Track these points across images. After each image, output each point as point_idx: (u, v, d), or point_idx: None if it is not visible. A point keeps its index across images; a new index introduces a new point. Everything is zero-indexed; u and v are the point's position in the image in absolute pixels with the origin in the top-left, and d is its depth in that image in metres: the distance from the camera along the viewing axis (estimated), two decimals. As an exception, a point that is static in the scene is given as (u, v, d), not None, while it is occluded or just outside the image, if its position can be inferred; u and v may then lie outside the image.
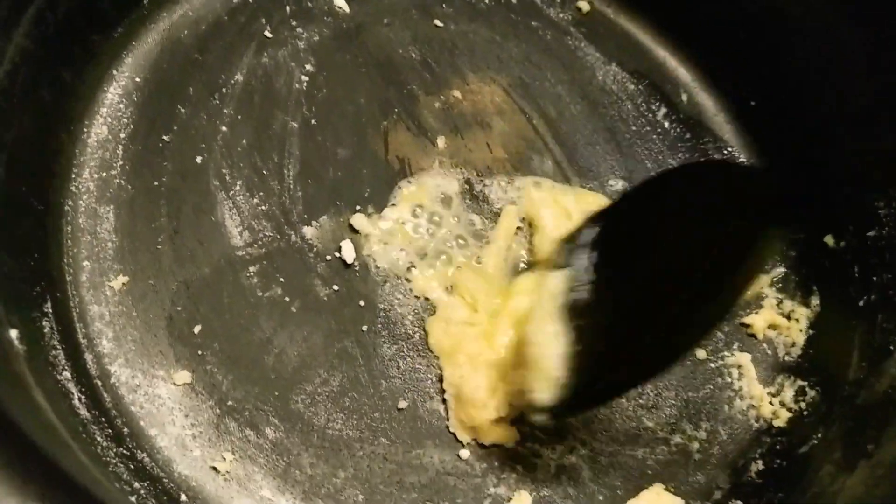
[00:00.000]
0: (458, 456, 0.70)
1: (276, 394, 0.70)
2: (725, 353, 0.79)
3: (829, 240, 0.80)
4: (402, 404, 0.71)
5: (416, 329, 0.74)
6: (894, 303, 0.70)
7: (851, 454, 0.64)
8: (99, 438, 0.63)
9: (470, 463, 0.70)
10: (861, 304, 0.74)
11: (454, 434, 0.70)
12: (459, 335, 0.72)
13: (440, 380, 0.72)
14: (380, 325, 0.74)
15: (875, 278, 0.73)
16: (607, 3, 0.96)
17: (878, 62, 0.77)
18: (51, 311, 0.67)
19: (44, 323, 0.66)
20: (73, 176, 0.73)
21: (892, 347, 0.68)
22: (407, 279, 0.76)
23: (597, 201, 0.81)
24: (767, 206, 0.65)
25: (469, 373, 0.70)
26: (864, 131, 0.77)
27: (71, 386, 0.65)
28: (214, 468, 0.66)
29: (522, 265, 0.78)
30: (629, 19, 0.95)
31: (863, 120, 0.79)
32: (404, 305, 0.75)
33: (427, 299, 0.75)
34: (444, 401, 0.71)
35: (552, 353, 0.61)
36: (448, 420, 0.71)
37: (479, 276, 0.75)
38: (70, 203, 0.72)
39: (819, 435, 0.70)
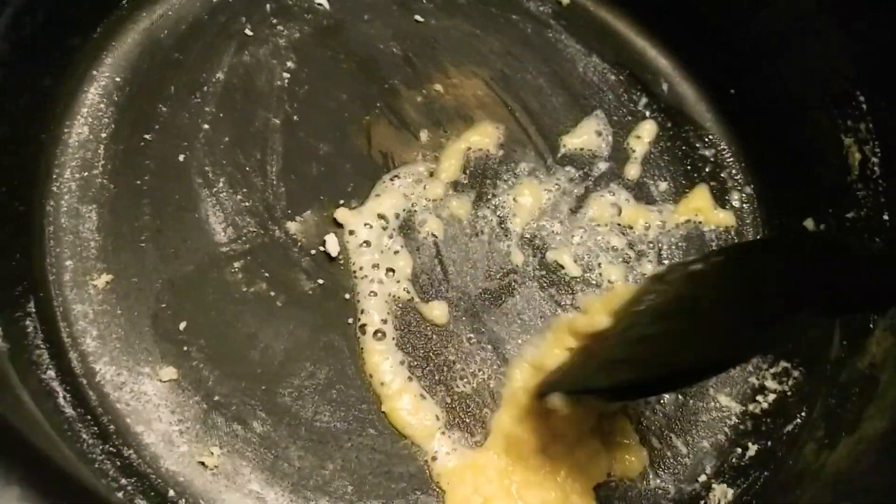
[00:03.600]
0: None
1: (263, 388, 0.70)
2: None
3: (808, 223, 0.81)
4: (389, 395, 0.72)
5: (402, 319, 0.75)
6: (874, 282, 0.71)
7: (834, 431, 0.65)
8: (84, 436, 0.63)
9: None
10: (842, 284, 0.75)
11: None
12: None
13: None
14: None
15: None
16: (586, -4, 0.96)
17: (854, 51, 0.78)
18: (34, 310, 0.67)
19: (27, 322, 0.66)
20: (55, 176, 0.73)
21: (871, 326, 0.69)
22: (391, 270, 0.76)
23: None
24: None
25: None
26: (842, 115, 0.78)
27: (55, 384, 0.65)
28: (202, 463, 0.66)
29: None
30: (608, 11, 0.96)
31: (840, 105, 0.79)
32: (389, 296, 0.75)
33: (408, 291, 0.76)
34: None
35: None
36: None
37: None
38: (52, 203, 0.72)
39: (803, 414, 0.71)
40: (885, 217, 0.72)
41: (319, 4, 0.88)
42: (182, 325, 0.71)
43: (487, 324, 0.76)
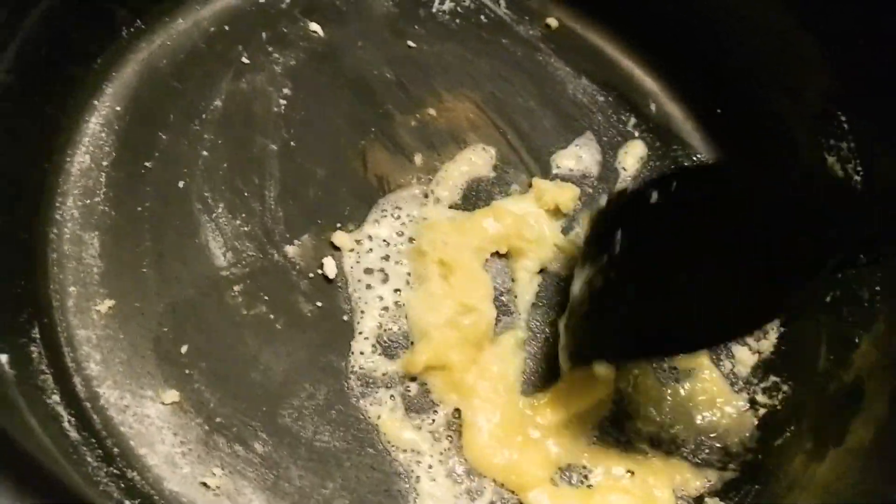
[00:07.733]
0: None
1: (264, 409, 0.71)
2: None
3: (795, 239, 0.83)
4: (388, 415, 0.73)
5: (400, 339, 0.76)
6: (858, 296, 0.73)
7: (822, 443, 0.67)
8: (89, 459, 0.65)
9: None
10: (828, 299, 0.76)
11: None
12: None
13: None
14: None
15: (839, 275, 0.76)
16: (575, 19, 0.98)
17: (834, 70, 0.80)
18: (38, 336, 0.68)
19: (31, 348, 0.67)
20: (57, 204, 0.75)
21: (856, 340, 0.71)
22: (388, 291, 0.78)
23: None
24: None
25: None
26: (824, 134, 0.80)
27: (60, 409, 0.66)
28: (205, 483, 0.67)
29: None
30: (596, 33, 0.98)
31: (822, 124, 0.81)
32: (386, 317, 0.77)
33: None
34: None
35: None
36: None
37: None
38: (55, 231, 0.74)
39: (792, 427, 0.72)
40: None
41: (314, 32, 0.91)
42: (184, 349, 0.72)
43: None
